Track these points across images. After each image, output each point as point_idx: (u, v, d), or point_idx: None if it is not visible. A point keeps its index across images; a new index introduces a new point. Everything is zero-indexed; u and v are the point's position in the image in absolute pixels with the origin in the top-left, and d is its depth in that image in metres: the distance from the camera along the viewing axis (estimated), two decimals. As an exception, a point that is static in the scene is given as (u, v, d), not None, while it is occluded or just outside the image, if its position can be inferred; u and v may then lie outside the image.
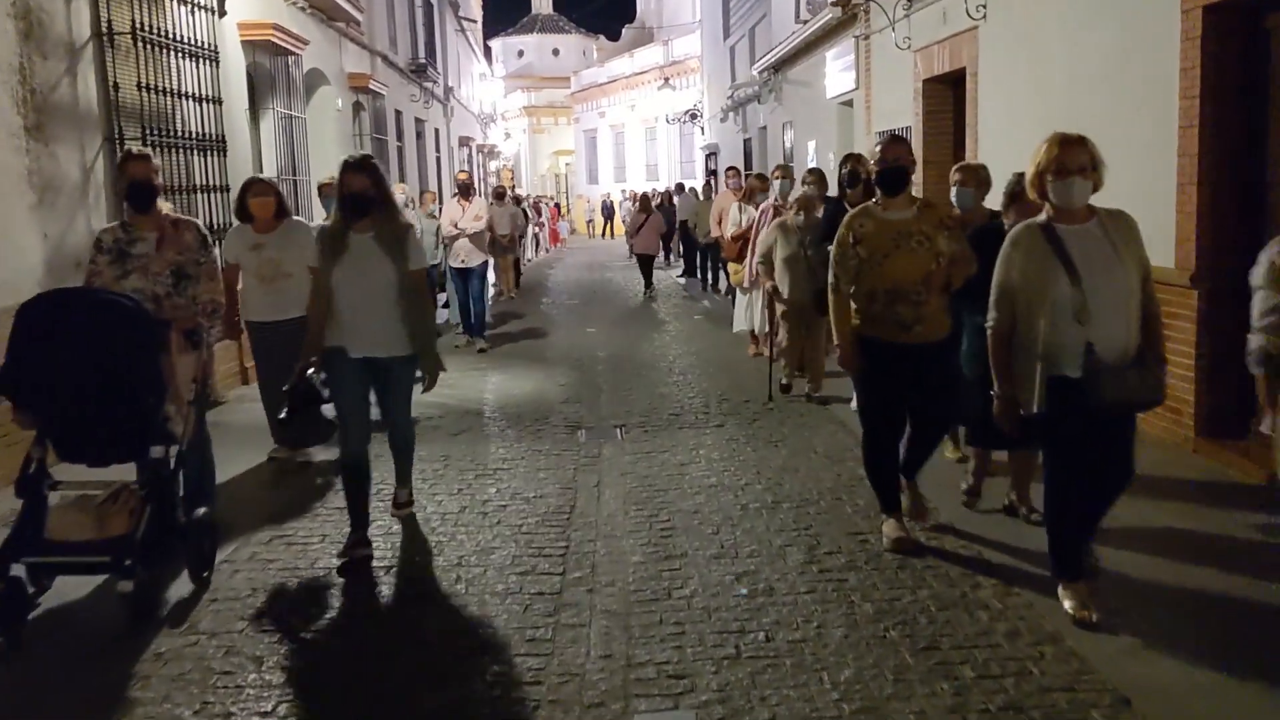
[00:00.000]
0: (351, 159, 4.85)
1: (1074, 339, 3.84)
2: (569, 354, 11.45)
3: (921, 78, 10.56)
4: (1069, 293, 3.85)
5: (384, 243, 4.79)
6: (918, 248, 4.63)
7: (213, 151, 8.70)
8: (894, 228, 4.66)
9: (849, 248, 4.71)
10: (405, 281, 4.82)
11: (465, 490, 6.10)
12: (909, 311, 4.66)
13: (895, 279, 4.63)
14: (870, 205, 4.81)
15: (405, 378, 5.15)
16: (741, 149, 22.08)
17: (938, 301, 4.73)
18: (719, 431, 7.43)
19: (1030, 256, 3.97)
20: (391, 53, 17.56)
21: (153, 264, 4.96)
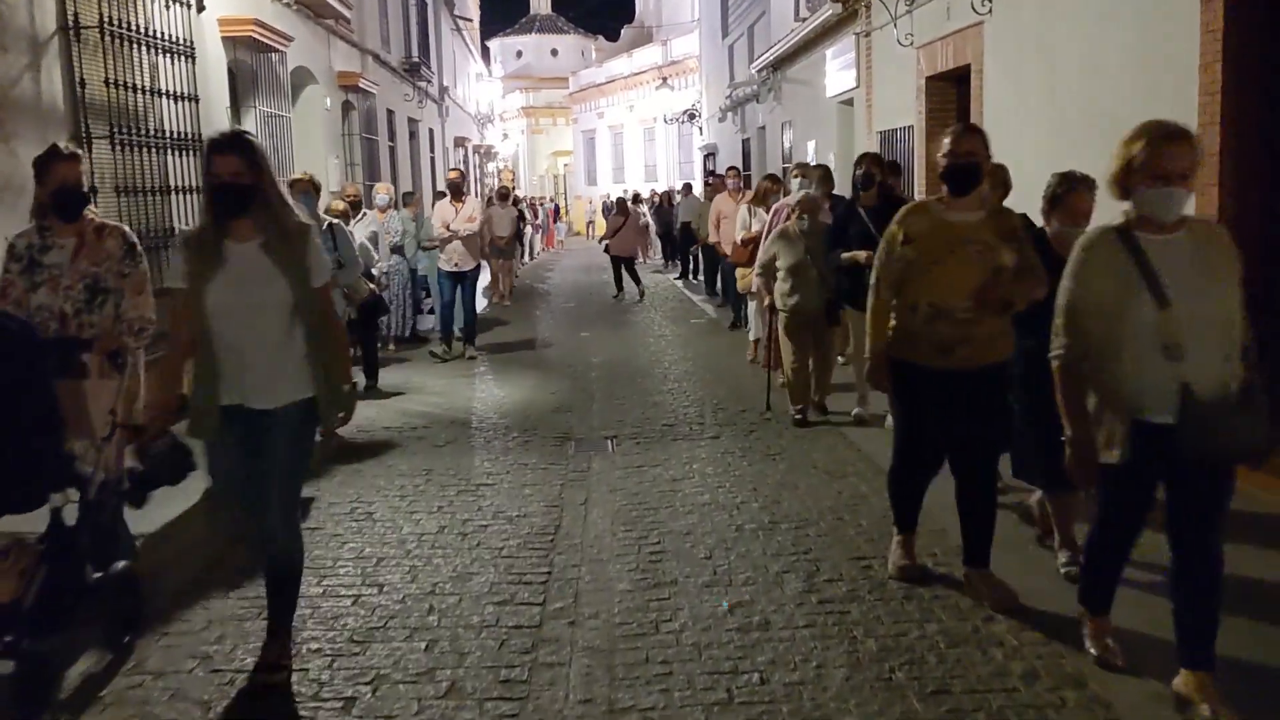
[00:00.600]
0: (219, 136, 3.63)
1: (1163, 377, 3.14)
2: (562, 360, 11.13)
3: (924, 75, 10.23)
4: (1155, 319, 3.14)
5: (275, 252, 3.58)
6: (975, 257, 3.98)
7: (189, 151, 8.36)
8: (953, 230, 4.02)
9: (896, 247, 4.10)
10: (306, 304, 3.64)
11: (446, 508, 5.76)
12: (951, 331, 4.00)
13: (941, 290, 4.00)
14: (930, 201, 4.23)
15: (298, 439, 3.72)
16: (740, 149, 21.75)
17: (992, 324, 4.03)
18: (714, 444, 7.10)
19: (1107, 270, 3.23)
20: (384, 51, 17.22)
21: (65, 276, 4.28)
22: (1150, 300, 3.14)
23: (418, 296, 12.36)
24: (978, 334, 4.01)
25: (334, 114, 13.77)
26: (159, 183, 7.92)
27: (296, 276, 3.61)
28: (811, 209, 7.42)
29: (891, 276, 4.15)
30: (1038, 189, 4.84)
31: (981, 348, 4.04)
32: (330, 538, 5.28)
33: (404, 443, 7.32)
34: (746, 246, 9.58)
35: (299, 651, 3.94)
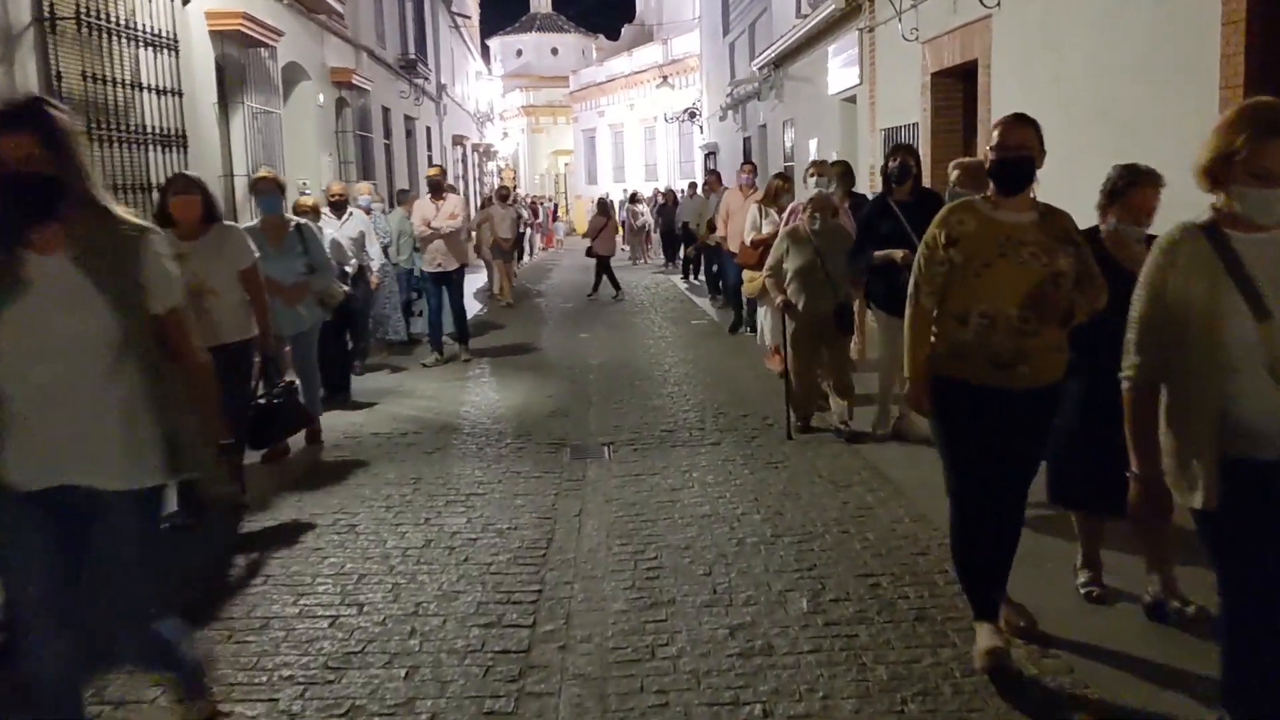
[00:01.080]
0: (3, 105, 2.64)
1: (1268, 403, 2.60)
2: (560, 361, 10.88)
3: (930, 71, 9.97)
4: (1254, 332, 2.59)
5: (90, 267, 2.64)
6: (1030, 260, 3.51)
7: (173, 147, 8.11)
8: (1003, 231, 3.58)
9: (939, 249, 3.63)
10: (138, 338, 2.70)
11: (433, 519, 5.51)
12: (1009, 343, 3.50)
13: (994, 297, 3.51)
14: (976, 200, 3.74)
15: (132, 534, 2.76)
16: (741, 148, 21.48)
17: (1051, 335, 3.56)
18: (714, 451, 6.85)
19: (1193, 275, 2.70)
20: (379, 47, 16.98)
21: None
22: (1245, 308, 2.60)
23: (409, 299, 11.94)
24: (1037, 347, 3.53)
25: (327, 111, 13.52)
26: (141, 179, 7.66)
27: (123, 300, 2.66)
28: (824, 208, 6.98)
29: (934, 283, 3.66)
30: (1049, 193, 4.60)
31: (1041, 363, 3.55)
32: (310, 552, 5.03)
33: (393, 449, 7.07)
34: (756, 249, 9.06)
35: (270, 680, 3.69)
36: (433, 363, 10.53)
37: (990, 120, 8.71)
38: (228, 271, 5.42)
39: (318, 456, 6.89)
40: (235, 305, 5.48)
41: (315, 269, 6.78)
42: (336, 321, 8.12)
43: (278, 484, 6.18)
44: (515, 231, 16.08)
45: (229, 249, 5.46)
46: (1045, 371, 3.58)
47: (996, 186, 3.66)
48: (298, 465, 6.66)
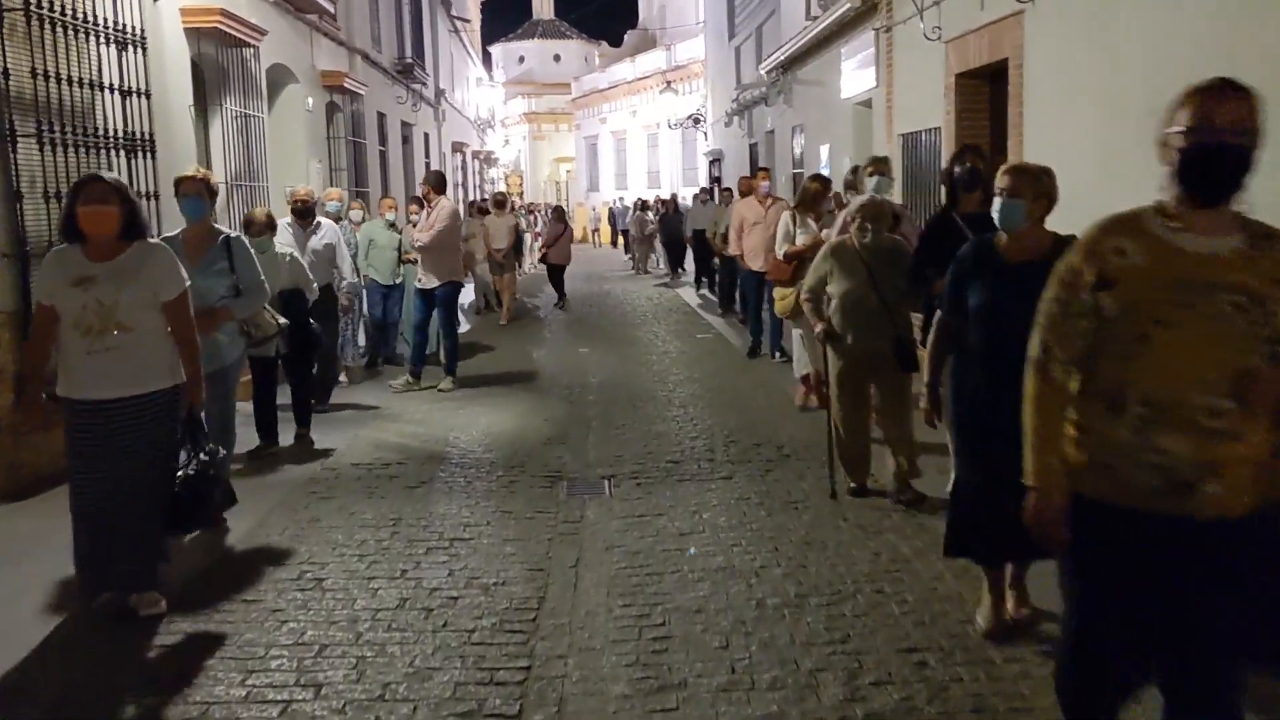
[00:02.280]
0: None
1: None
2: (558, 379, 10.24)
3: (954, 72, 9.35)
4: None
5: None
6: (1234, 314, 2.33)
7: (140, 152, 7.50)
8: (1190, 265, 2.38)
9: (1081, 291, 2.48)
10: None
11: (411, 572, 4.87)
12: (1189, 450, 2.35)
13: (1171, 374, 2.36)
14: (1146, 213, 2.51)
15: None
16: (747, 154, 20.87)
17: (1262, 439, 2.37)
18: (726, 486, 6.21)
19: None
20: (374, 51, 16.37)
21: None
22: None
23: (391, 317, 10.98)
24: (1237, 456, 2.33)
25: (317, 115, 12.91)
26: (102, 188, 7.04)
27: None
28: (879, 217, 5.69)
29: (1072, 345, 2.50)
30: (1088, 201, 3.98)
31: (1243, 481, 2.36)
32: (269, 614, 4.39)
33: (372, 483, 6.43)
34: (790, 263, 7.96)
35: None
36: (401, 387, 9.50)
37: (1022, 124, 8.11)
38: (147, 301, 4.31)
39: (289, 494, 6.25)
40: (154, 345, 4.34)
41: (242, 291, 5.52)
42: (294, 352, 7.08)
43: (240, 526, 5.55)
44: (512, 241, 15.14)
45: (151, 273, 4.32)
46: (1251, 493, 2.38)
47: (1186, 189, 2.42)
48: (265, 503, 6.02)
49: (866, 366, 5.76)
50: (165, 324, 4.39)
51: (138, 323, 4.27)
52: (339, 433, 7.83)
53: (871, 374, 5.78)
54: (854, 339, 5.70)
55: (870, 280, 5.64)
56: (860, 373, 5.78)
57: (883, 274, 5.63)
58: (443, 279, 9.49)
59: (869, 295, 5.65)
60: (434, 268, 9.49)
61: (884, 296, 5.62)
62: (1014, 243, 3.86)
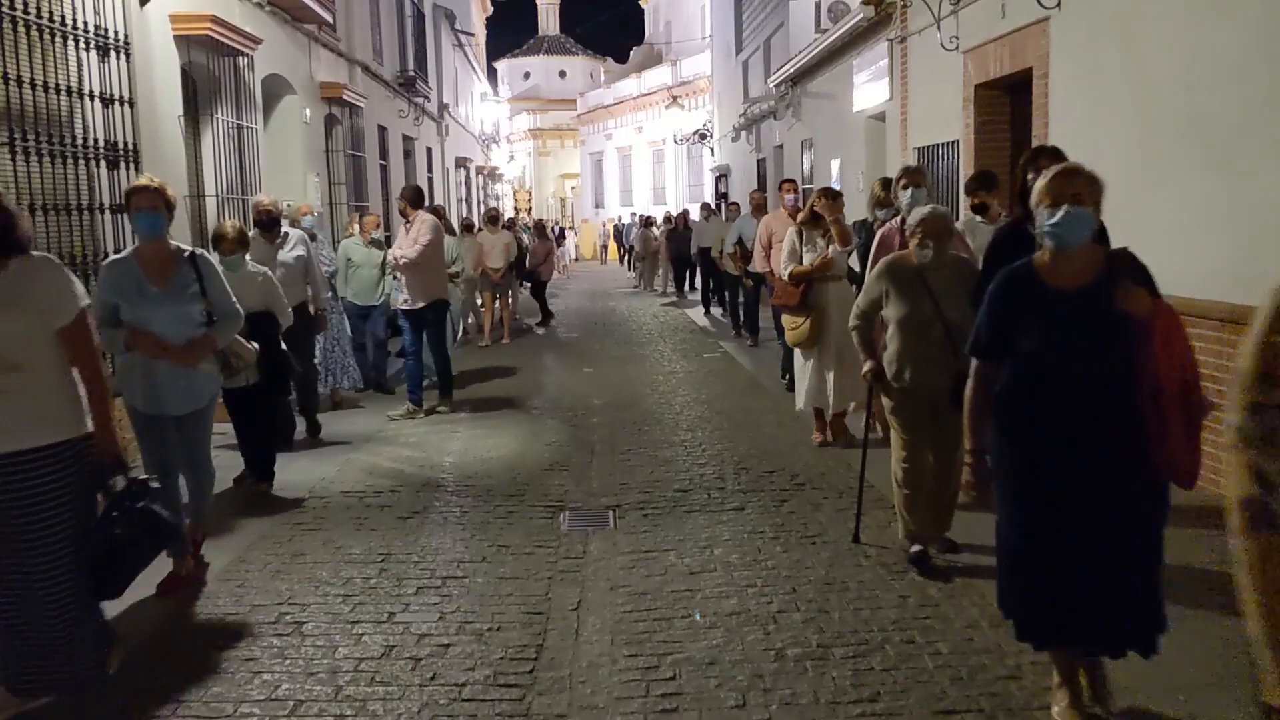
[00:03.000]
0: None
1: None
2: (560, 401, 9.87)
3: (973, 83, 9.01)
4: None
5: None
6: None
7: (123, 163, 7.17)
8: None
9: None
10: None
11: (399, 615, 4.49)
12: None
13: None
14: None
15: None
16: (755, 170, 20.58)
17: None
18: (738, 518, 5.83)
19: None
20: (375, 63, 16.09)
21: None
22: None
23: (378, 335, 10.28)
24: None
25: (315, 128, 12.60)
26: (82, 199, 6.71)
27: None
28: (941, 232, 4.81)
29: None
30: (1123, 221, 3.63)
31: None
32: (241, 664, 4.01)
33: (362, 514, 6.06)
34: (797, 285, 7.31)
35: None
36: (401, 416, 8.85)
37: (1047, 136, 7.74)
38: (37, 331, 3.51)
39: (273, 525, 5.87)
40: (52, 385, 3.56)
41: (218, 317, 4.74)
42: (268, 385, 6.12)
43: (219, 560, 5.17)
44: (508, 260, 14.34)
45: (38, 295, 3.51)
46: None
47: None
48: (246, 535, 5.65)
49: (928, 406, 4.81)
50: (64, 357, 3.60)
51: (28, 359, 3.47)
52: (331, 458, 7.47)
53: (933, 416, 4.82)
54: (914, 374, 4.84)
55: (933, 305, 4.78)
56: (923, 413, 4.85)
57: (948, 298, 4.76)
58: (429, 298, 8.92)
59: (932, 323, 4.78)
60: (419, 286, 8.87)
61: (946, 322, 4.77)
62: (1064, 264, 3.22)
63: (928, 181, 6.38)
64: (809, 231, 7.41)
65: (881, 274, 4.99)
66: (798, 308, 7.31)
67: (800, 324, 7.29)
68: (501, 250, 14.16)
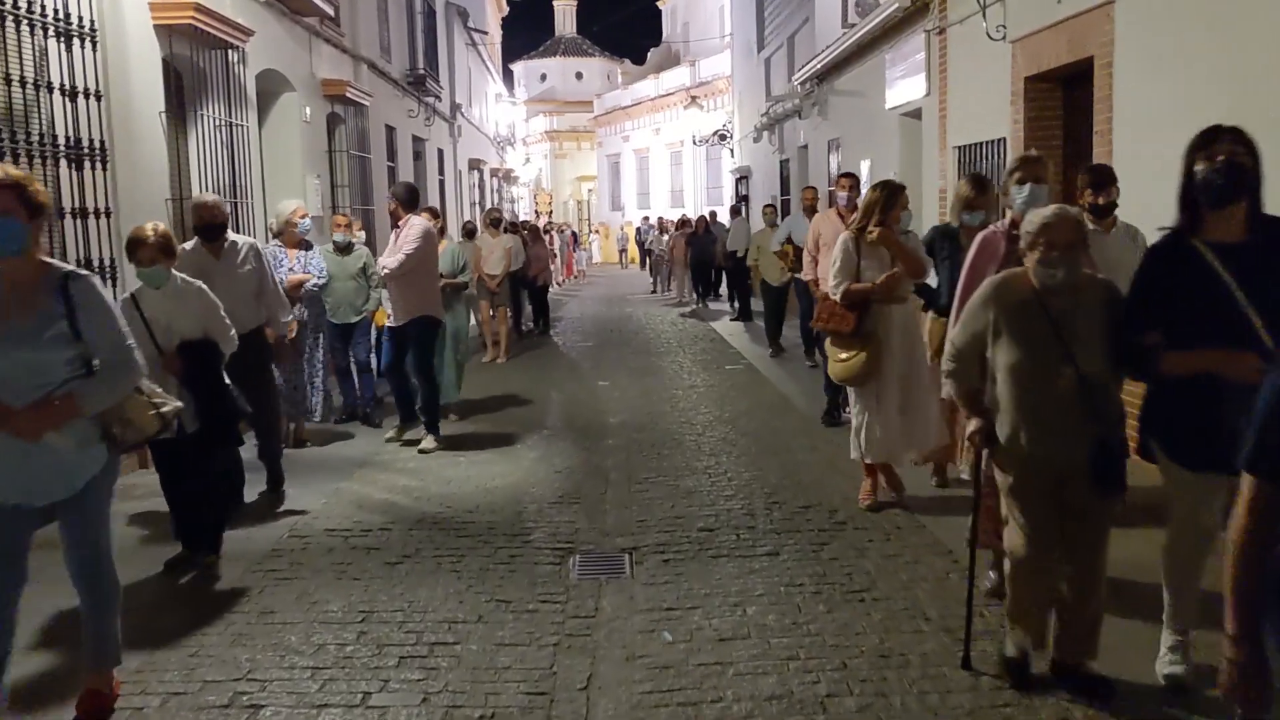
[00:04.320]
0: None
1: None
2: (573, 419, 9.17)
3: (1023, 75, 8.26)
4: None
5: None
6: None
7: (89, 162, 6.51)
8: None
9: None
10: None
11: (375, 696, 3.78)
12: None
13: None
14: None
15: None
16: (777, 171, 19.83)
17: None
18: (772, 566, 5.10)
19: None
20: (383, 61, 15.44)
21: None
22: None
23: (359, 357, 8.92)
24: None
25: (315, 127, 11.94)
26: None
27: None
28: (1073, 244, 3.48)
29: None
30: None
31: None
32: (178, 764, 3.32)
33: (346, 558, 5.36)
34: (853, 310, 5.82)
35: None
36: (395, 437, 8.07)
37: (1111, 132, 6.98)
38: None
39: (243, 572, 5.17)
40: None
41: (100, 366, 3.39)
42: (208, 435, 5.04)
43: (170, 621, 4.49)
44: (508, 267, 13.13)
45: None
46: None
47: None
48: (207, 588, 4.96)
49: (1053, 480, 3.57)
50: None
51: None
52: (318, 486, 6.78)
53: (1059, 498, 3.59)
54: (1035, 442, 3.54)
55: (1061, 344, 3.47)
56: (1047, 489, 3.58)
57: (1082, 334, 3.49)
58: (415, 313, 7.74)
59: (1060, 369, 3.48)
60: (404, 300, 7.75)
61: (1084, 371, 3.47)
62: None
63: (1050, 175, 5.09)
64: (868, 241, 5.85)
65: (988, 300, 3.65)
66: (850, 336, 5.84)
67: (852, 356, 5.82)
68: (501, 256, 13.10)
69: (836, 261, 5.88)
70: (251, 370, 5.90)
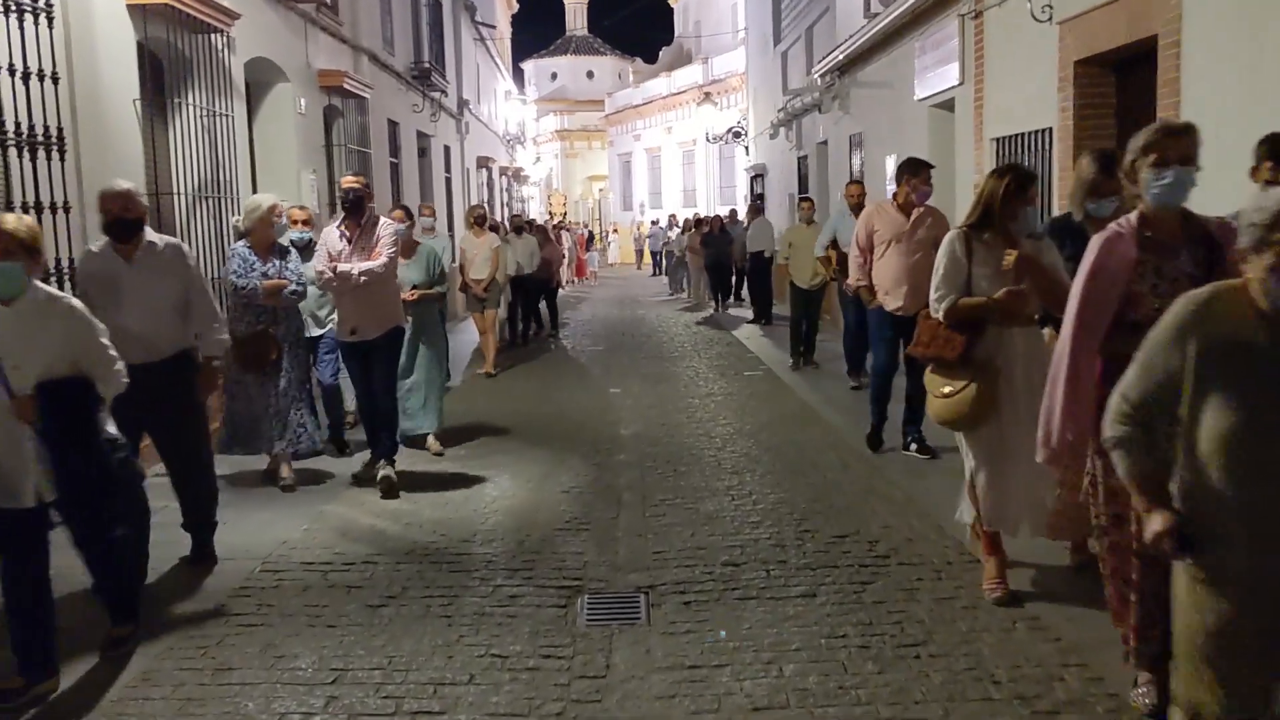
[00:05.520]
0: None
1: None
2: (582, 430, 8.52)
3: (1073, 59, 7.57)
4: None
5: None
6: None
7: (45, 151, 5.88)
8: None
9: None
10: None
11: (341, 782, 3.14)
12: None
13: None
14: None
15: None
16: (795, 169, 19.12)
17: None
18: (809, 610, 4.44)
19: None
20: (385, 53, 14.82)
21: None
22: None
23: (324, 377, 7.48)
24: None
25: (312, 120, 11.31)
26: (-12, 195, 5.44)
27: None
28: None
29: None
30: None
31: None
32: None
33: (321, 599, 4.71)
34: (961, 332, 4.50)
35: None
36: (361, 473, 6.82)
37: (1177, 116, 6.29)
38: None
39: (202, 619, 4.53)
40: None
41: None
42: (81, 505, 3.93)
43: (112, 673, 3.85)
44: (494, 270, 11.55)
45: None
46: None
47: None
48: (161, 638, 4.31)
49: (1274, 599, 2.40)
50: None
51: None
52: (301, 510, 6.15)
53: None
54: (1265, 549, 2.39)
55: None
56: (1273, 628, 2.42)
57: None
58: (388, 324, 6.62)
59: None
60: (374, 310, 6.51)
61: None
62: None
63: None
64: (989, 237, 4.46)
65: (1186, 329, 2.46)
66: (957, 364, 4.48)
67: (958, 391, 4.42)
68: (488, 257, 11.56)
69: (940, 268, 4.54)
70: (176, 408, 4.96)
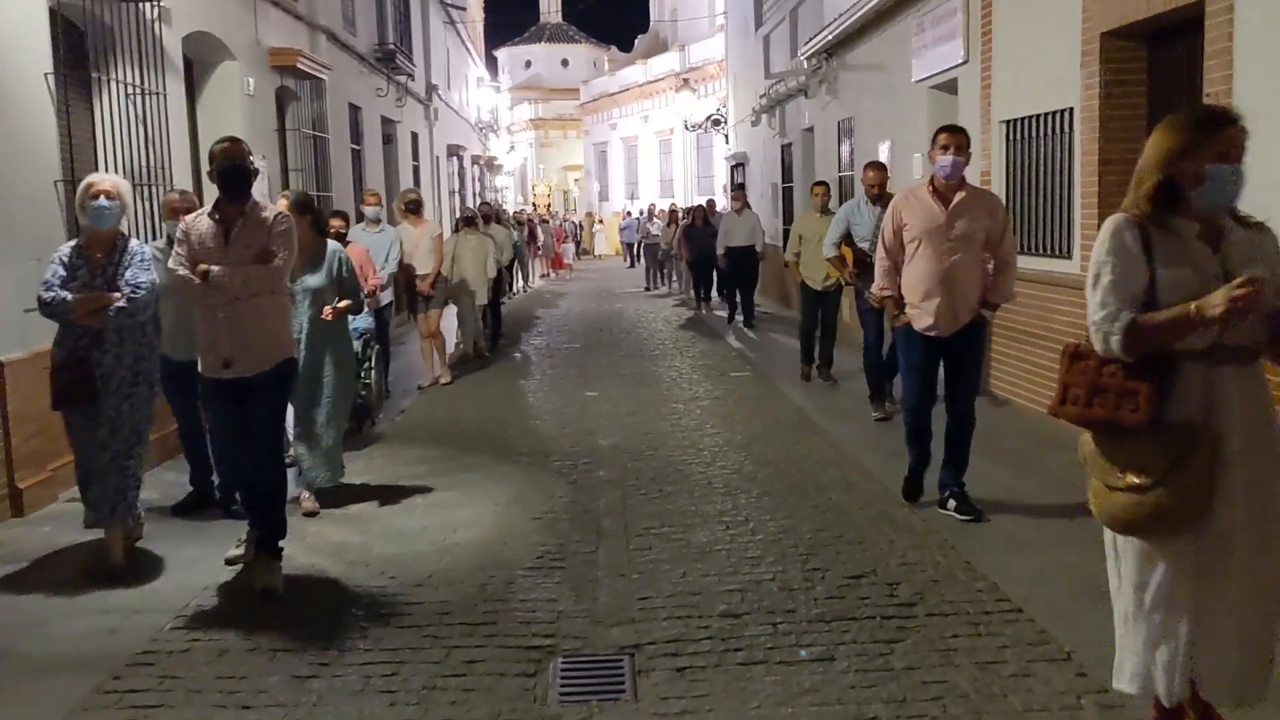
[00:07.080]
0: None
1: None
2: (557, 441, 7.73)
3: (1099, 30, 6.84)
4: None
5: None
6: None
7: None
8: None
9: None
10: None
11: None
12: None
13: None
14: None
15: None
16: (779, 158, 18.35)
17: None
18: (827, 679, 3.67)
19: None
20: (346, 32, 13.93)
21: None
22: None
23: None
24: None
25: (262, 102, 10.43)
26: None
27: None
28: None
29: None
30: None
31: None
32: None
33: (239, 667, 3.89)
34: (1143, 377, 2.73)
35: None
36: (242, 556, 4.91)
37: (1231, 94, 5.55)
38: None
39: (86, 692, 3.71)
40: None
41: None
42: None
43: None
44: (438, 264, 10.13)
45: None
46: None
47: None
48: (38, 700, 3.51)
49: None
50: None
51: None
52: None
53: None
54: None
55: None
56: None
57: None
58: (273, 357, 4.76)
59: None
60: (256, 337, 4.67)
61: None
62: None
63: None
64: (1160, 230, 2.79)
65: None
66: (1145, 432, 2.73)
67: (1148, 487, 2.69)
68: (430, 248, 10.00)
69: (1104, 273, 2.79)
70: None
